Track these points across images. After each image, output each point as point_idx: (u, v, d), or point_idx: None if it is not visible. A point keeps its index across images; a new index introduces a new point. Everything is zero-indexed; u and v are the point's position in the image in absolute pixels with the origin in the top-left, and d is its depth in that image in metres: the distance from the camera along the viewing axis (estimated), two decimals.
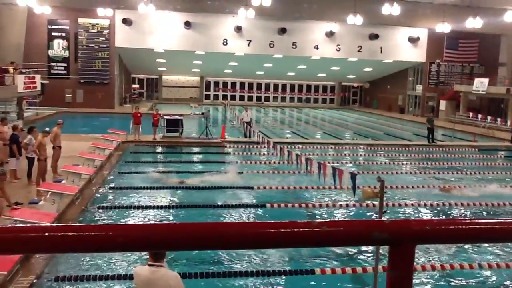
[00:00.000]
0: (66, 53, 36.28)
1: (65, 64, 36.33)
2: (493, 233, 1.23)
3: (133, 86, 45.80)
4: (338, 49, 39.63)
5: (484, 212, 12.43)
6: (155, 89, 48.89)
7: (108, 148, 17.74)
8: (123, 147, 19.93)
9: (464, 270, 8.47)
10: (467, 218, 1.43)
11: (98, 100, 36.13)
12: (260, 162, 18.10)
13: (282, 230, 1.12)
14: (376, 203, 7.95)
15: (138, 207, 11.66)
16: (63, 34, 36.06)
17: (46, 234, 1.04)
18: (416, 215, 11.98)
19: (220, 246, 1.14)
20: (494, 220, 1.23)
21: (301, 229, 1.13)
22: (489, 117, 33.63)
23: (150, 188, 13.42)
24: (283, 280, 7.93)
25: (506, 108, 34.84)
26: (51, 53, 36.01)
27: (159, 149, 21.07)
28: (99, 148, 17.08)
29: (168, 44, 37.20)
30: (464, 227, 1.22)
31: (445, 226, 1.22)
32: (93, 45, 36.17)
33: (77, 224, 1.08)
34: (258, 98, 50.31)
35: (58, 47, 36.16)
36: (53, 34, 35.90)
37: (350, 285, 8.04)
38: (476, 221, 1.23)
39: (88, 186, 13.14)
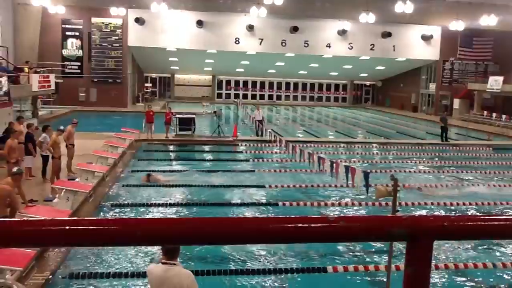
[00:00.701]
0: (80, 52, 36.58)
1: (78, 63, 36.62)
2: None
3: (146, 85, 46.01)
4: (350, 47, 39.40)
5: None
6: (168, 88, 49.09)
7: (121, 146, 17.88)
8: (136, 145, 20.06)
9: (479, 268, 8.39)
10: (485, 215, 1.41)
11: (111, 99, 36.37)
12: (272, 161, 18.10)
13: (299, 225, 1.12)
14: (389, 201, 7.90)
15: (151, 205, 11.74)
16: (77, 34, 36.36)
17: (67, 227, 1.06)
18: (429, 214, 11.89)
19: (237, 241, 1.14)
20: None
21: (318, 224, 1.13)
22: (503, 116, 33.20)
23: (163, 186, 13.51)
24: (295, 278, 7.92)
25: None
26: (65, 52, 36.33)
27: (171, 148, 21.18)
28: (112, 146, 17.21)
29: (180, 43, 37.30)
30: (482, 223, 1.21)
31: (463, 222, 1.21)
32: (106, 44, 36.43)
33: (97, 218, 1.10)
34: (270, 97, 50.26)
35: (72, 47, 36.47)
36: (67, 33, 36.21)
37: (363, 283, 8.00)
38: (494, 217, 1.22)
39: (102, 184, 13.26)
